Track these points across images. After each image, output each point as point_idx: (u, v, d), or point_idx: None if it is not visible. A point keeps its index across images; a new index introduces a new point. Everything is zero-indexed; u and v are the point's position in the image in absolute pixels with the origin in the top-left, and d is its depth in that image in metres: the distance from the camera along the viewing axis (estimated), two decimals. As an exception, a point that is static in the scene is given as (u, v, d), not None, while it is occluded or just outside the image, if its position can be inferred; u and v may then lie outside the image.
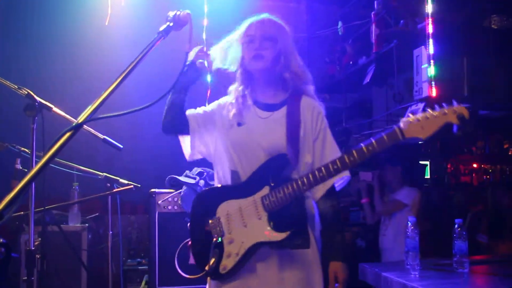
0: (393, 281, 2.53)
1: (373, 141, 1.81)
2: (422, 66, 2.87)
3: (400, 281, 2.46)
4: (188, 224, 2.17)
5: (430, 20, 2.72)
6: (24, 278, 2.44)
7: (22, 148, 3.08)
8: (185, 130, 2.22)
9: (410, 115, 1.77)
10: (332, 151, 2.14)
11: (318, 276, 2.13)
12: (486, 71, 2.88)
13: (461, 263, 2.66)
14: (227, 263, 2.05)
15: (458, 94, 2.83)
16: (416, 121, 1.76)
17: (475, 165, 7.23)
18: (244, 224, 2.05)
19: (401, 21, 3.28)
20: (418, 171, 5.96)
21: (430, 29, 2.68)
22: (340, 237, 2.14)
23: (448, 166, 7.08)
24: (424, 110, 1.81)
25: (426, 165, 6.54)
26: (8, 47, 4.22)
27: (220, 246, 2.07)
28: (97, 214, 4.12)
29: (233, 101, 2.19)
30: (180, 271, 2.47)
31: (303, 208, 2.08)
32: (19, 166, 3.22)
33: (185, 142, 2.26)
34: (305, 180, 1.94)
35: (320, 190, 2.12)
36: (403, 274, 2.61)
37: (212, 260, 2.04)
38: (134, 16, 4.35)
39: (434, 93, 2.88)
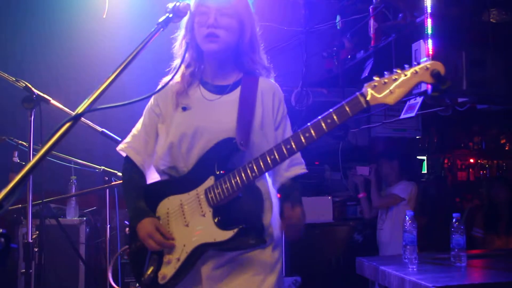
0: (391, 275, 2.54)
1: (332, 112, 1.53)
2: (421, 60, 2.86)
3: (398, 274, 2.47)
4: (127, 229, 1.92)
5: (428, 14, 2.70)
6: (22, 271, 2.43)
7: (20, 141, 3.06)
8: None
9: (375, 78, 1.52)
10: None
11: (276, 280, 1.81)
12: (484, 65, 2.87)
13: (458, 257, 2.67)
14: (167, 271, 1.75)
15: (456, 88, 2.82)
16: (383, 84, 1.49)
17: (472, 160, 7.26)
18: (186, 223, 1.76)
19: (400, 14, 3.26)
20: (415, 166, 5.98)
21: (428, 23, 2.67)
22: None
23: (445, 161, 7.11)
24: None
25: (423, 160, 6.56)
26: (5, 39, 4.19)
27: (158, 251, 1.78)
28: (94, 207, 4.11)
29: (178, 80, 1.87)
30: (112, 282, 2.21)
31: (256, 200, 1.80)
32: (16, 159, 3.20)
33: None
34: (253, 165, 1.64)
35: (282, 177, 1.87)
36: (401, 268, 2.62)
37: (150, 269, 1.77)
38: (132, 9, 4.32)
39: (431, 87, 2.87)
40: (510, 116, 4.94)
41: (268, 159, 1.62)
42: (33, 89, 2.40)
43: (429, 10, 2.74)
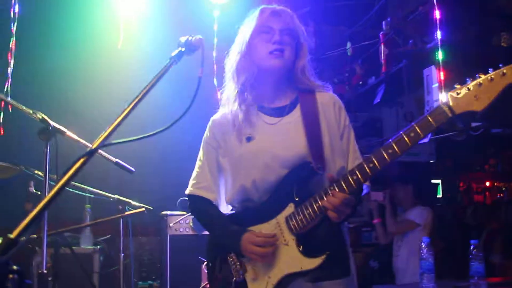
0: (408, 304, 2.47)
1: (414, 125, 1.44)
2: (433, 86, 2.86)
3: (415, 304, 2.40)
4: (204, 265, 1.91)
5: (439, 40, 2.71)
6: (36, 302, 2.42)
7: (36, 171, 3.09)
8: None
9: (456, 85, 1.42)
10: (356, 153, 1.83)
11: None
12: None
13: (478, 286, 2.60)
14: None
15: (470, 113, 2.79)
16: (466, 91, 1.39)
17: (488, 183, 7.13)
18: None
19: (410, 41, 3.28)
20: (430, 190, 5.89)
21: (439, 49, 2.67)
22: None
23: (461, 184, 7.00)
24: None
25: (438, 184, 6.47)
26: (24, 72, 4.29)
27: (242, 285, 1.72)
28: (109, 236, 4.11)
29: (235, 109, 1.83)
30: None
31: (337, 226, 1.73)
32: (32, 189, 3.23)
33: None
34: (336, 188, 1.58)
35: None
36: (419, 297, 2.55)
37: None
38: (147, 38, 4.41)
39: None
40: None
41: (351, 180, 1.56)
42: (49, 121, 2.43)
43: (439, 37, 2.75)
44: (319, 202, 1.61)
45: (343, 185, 1.58)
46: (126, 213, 3.20)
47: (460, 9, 3.13)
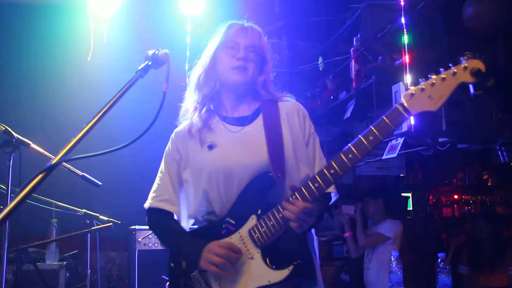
0: (377, 318, 2.48)
1: (372, 128, 1.45)
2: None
3: (384, 318, 2.41)
4: (167, 284, 1.77)
5: (406, 57, 2.77)
6: (-5, 322, 2.32)
7: (-2, 185, 2.99)
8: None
9: (411, 87, 1.43)
10: (323, 161, 1.82)
11: None
12: (463, 106, 2.93)
13: (445, 299, 2.63)
14: None
15: (437, 129, 2.86)
16: (420, 91, 1.41)
17: (456, 196, 7.28)
18: (235, 270, 1.65)
19: (379, 57, 3.34)
20: (400, 203, 5.98)
21: (407, 66, 2.73)
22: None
23: (430, 197, 7.12)
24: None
25: (409, 197, 6.57)
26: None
27: None
28: (76, 251, 3.99)
29: (197, 119, 1.83)
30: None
31: (303, 235, 1.71)
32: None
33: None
34: (298, 197, 1.55)
35: None
36: (388, 310, 2.56)
37: None
38: (117, 52, 4.35)
39: (412, 127, 2.92)
40: (490, 154, 5.00)
41: (313, 187, 1.54)
42: (13, 133, 2.36)
43: (407, 54, 2.81)
44: (282, 213, 1.58)
45: (305, 193, 1.55)
46: (93, 227, 3.12)
47: (428, 28, 3.20)
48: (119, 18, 4.25)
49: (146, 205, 1.88)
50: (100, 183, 2.71)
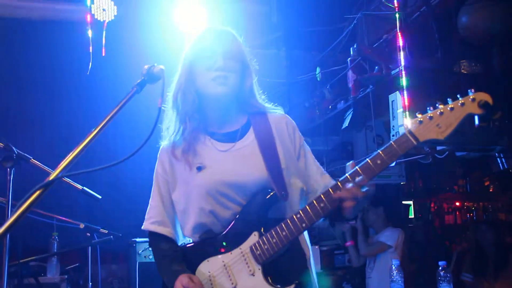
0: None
1: (380, 152, 1.47)
2: (398, 111, 2.93)
3: (385, 328, 2.41)
4: None
5: (402, 67, 2.80)
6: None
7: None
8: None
9: (419, 114, 1.46)
10: (318, 171, 1.77)
11: None
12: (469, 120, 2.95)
13: (446, 307, 2.62)
14: None
15: (434, 141, 2.87)
16: (428, 120, 1.43)
17: (458, 203, 7.27)
18: (233, 285, 1.63)
19: (376, 67, 3.37)
20: (401, 211, 5.97)
21: (403, 76, 2.75)
22: None
23: (432, 205, 7.11)
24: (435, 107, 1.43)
25: (410, 204, 6.56)
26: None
27: None
28: (77, 264, 3.99)
29: (180, 140, 1.74)
30: None
31: (302, 252, 1.70)
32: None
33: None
34: (303, 216, 1.55)
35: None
36: (389, 320, 2.55)
37: None
38: (116, 66, 4.39)
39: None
40: (490, 161, 5.00)
41: (318, 207, 1.53)
42: (13, 148, 2.39)
43: (402, 63, 2.84)
44: (286, 231, 1.57)
45: (310, 211, 1.55)
46: (93, 241, 3.12)
47: (423, 37, 3.24)
48: (117, 32, 4.29)
49: (143, 227, 1.85)
50: (100, 197, 2.72)
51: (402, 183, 5.35)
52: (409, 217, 6.52)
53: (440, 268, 2.67)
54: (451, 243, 6.51)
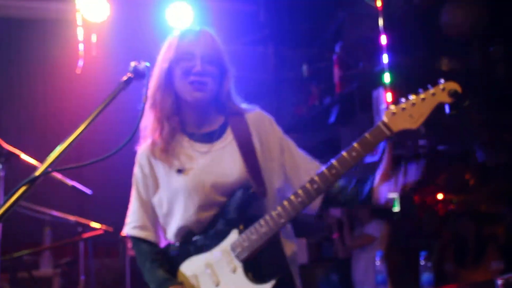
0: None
1: (355, 144, 1.49)
2: (381, 107, 2.94)
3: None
4: None
5: (385, 64, 2.80)
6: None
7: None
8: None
9: (392, 106, 1.50)
10: (306, 159, 1.76)
11: None
12: (441, 110, 2.96)
13: (427, 295, 2.64)
14: None
15: (416, 132, 2.89)
16: (401, 110, 1.47)
17: (440, 196, 7.33)
18: (216, 284, 1.62)
19: (360, 63, 3.38)
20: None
21: (386, 72, 2.76)
22: None
23: (416, 198, 7.15)
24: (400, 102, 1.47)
25: (394, 198, 6.59)
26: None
27: None
28: (70, 258, 3.96)
29: (158, 139, 1.69)
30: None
31: (282, 247, 1.68)
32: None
33: None
34: (282, 211, 1.54)
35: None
36: (374, 309, 2.57)
37: None
38: (106, 65, 4.34)
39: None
40: (471, 154, 5.05)
41: (296, 201, 1.54)
42: (2, 144, 2.36)
43: (386, 61, 2.84)
44: (265, 227, 1.57)
45: (288, 206, 1.55)
46: (85, 235, 3.10)
47: (406, 35, 3.24)
48: (108, 30, 4.24)
49: (124, 232, 1.81)
50: (90, 192, 2.70)
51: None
52: (394, 210, 6.56)
53: (421, 258, 2.69)
54: (434, 235, 6.56)
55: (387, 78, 2.86)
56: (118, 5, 4.10)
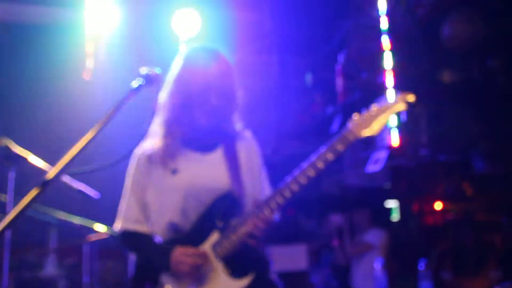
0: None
1: (324, 151, 1.64)
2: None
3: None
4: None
5: (390, 73, 2.80)
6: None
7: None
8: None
9: (355, 117, 1.67)
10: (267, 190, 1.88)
11: None
12: (442, 120, 2.97)
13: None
14: None
15: (418, 142, 2.89)
16: (362, 120, 1.65)
17: (438, 206, 7.31)
18: (198, 281, 1.70)
19: (363, 73, 3.38)
20: (386, 212, 5.99)
21: (389, 82, 2.76)
22: None
23: (415, 207, 7.13)
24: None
25: (394, 206, 6.58)
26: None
27: None
28: (74, 260, 3.94)
29: (159, 144, 1.80)
30: None
31: (260, 244, 1.77)
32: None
33: None
34: (260, 212, 1.66)
35: None
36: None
37: None
38: (115, 71, 4.35)
39: (397, 141, 2.95)
40: (469, 164, 5.05)
41: (272, 204, 1.66)
42: (12, 148, 2.36)
43: (390, 72, 2.84)
44: (244, 228, 1.67)
45: (264, 208, 1.67)
46: (90, 237, 3.08)
47: (409, 47, 3.25)
48: (116, 37, 4.26)
49: (117, 227, 1.84)
50: (97, 196, 2.69)
51: (387, 185, 5.39)
52: (393, 218, 6.54)
53: (420, 266, 2.68)
54: (433, 244, 6.53)
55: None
56: (127, 10, 4.12)
